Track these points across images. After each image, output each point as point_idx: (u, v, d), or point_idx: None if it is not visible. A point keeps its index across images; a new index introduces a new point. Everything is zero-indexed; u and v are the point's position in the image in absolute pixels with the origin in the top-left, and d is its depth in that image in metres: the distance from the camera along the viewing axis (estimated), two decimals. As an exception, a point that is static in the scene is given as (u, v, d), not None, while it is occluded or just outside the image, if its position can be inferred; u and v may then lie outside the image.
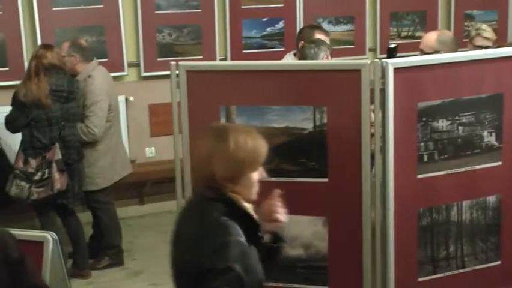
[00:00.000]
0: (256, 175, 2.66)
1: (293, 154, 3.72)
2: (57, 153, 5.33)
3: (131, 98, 7.06)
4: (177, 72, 3.79)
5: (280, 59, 5.74)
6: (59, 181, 5.34)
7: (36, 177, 5.30)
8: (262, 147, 2.66)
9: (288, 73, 3.75)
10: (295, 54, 5.54)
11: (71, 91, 5.48)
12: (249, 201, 2.68)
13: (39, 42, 6.48)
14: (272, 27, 7.48)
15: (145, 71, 7.09)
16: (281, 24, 7.51)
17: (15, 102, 5.35)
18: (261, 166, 2.67)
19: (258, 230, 2.67)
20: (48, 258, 3.03)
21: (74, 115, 5.54)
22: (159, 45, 7.10)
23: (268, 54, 7.25)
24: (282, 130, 3.70)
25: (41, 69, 5.30)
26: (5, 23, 6.50)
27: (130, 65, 7.06)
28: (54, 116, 5.36)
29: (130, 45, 7.02)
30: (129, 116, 7.06)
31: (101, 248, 5.99)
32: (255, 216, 2.68)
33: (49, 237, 3.05)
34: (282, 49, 7.21)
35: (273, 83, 3.70)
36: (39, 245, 3.06)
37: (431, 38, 5.15)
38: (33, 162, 5.30)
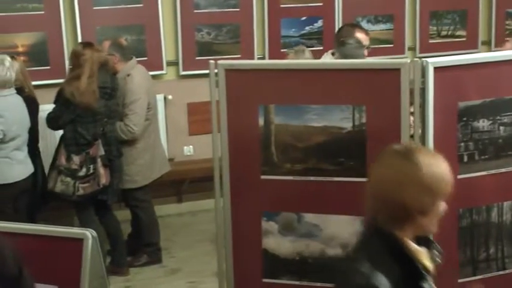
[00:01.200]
0: (443, 205, 2.27)
1: (331, 153, 3.70)
2: (100, 149, 5.37)
3: (170, 97, 7.09)
4: (216, 71, 3.79)
5: (318, 58, 5.71)
6: (104, 176, 5.39)
7: (81, 173, 5.34)
8: (449, 172, 2.27)
9: (326, 72, 3.74)
10: (333, 54, 5.51)
11: (114, 88, 5.54)
12: (428, 233, 2.35)
13: (79, 41, 6.53)
14: (311, 26, 7.45)
15: (184, 69, 7.12)
16: (320, 23, 7.48)
17: (60, 99, 5.39)
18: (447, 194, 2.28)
19: (421, 280, 2.26)
20: (87, 256, 3.05)
21: (115, 112, 5.58)
22: (198, 44, 7.12)
23: (307, 53, 7.22)
24: (321, 129, 3.69)
25: (88, 66, 5.34)
26: (46, 23, 6.57)
27: (169, 63, 7.09)
28: (99, 112, 5.40)
29: (169, 44, 7.05)
30: (167, 114, 7.10)
31: (139, 245, 6.02)
32: (426, 263, 2.29)
33: (88, 234, 3.07)
34: (321, 48, 7.18)
35: (312, 82, 3.69)
36: (78, 242, 3.08)
37: None
38: (76, 159, 5.34)
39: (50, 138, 6.28)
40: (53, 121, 5.47)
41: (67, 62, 6.57)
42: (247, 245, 3.90)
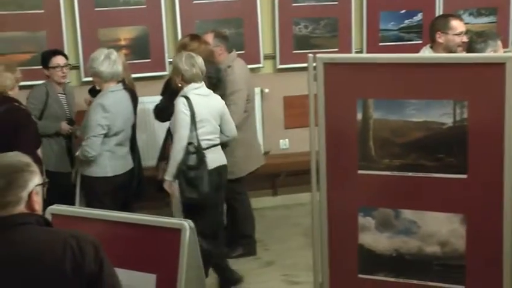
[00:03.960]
0: None
1: (431, 149, 3.63)
2: None
3: (267, 90, 7.11)
4: (314, 64, 3.77)
5: (417, 52, 5.61)
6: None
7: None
8: None
9: (427, 66, 3.66)
10: (431, 47, 5.41)
11: (219, 79, 5.60)
12: None
13: (179, 34, 6.65)
14: (410, 20, 7.33)
15: (281, 63, 7.13)
16: (419, 16, 7.35)
17: (168, 90, 5.46)
18: None
19: None
20: (185, 246, 3.09)
21: None
22: (295, 38, 7.11)
23: (405, 47, 7.11)
24: (420, 124, 3.63)
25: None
26: (147, 17, 6.71)
27: (266, 57, 7.12)
28: None
29: (266, 38, 7.08)
30: (264, 107, 7.13)
31: (234, 237, 6.07)
32: None
33: (186, 225, 3.11)
34: (420, 42, 7.05)
35: (412, 76, 3.62)
36: (176, 232, 3.12)
37: None
38: None
39: (150, 131, 6.42)
40: (161, 112, 5.53)
41: (166, 55, 6.70)
42: (343, 239, 3.88)
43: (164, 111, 5.47)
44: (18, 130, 4.87)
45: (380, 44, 7.26)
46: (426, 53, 5.35)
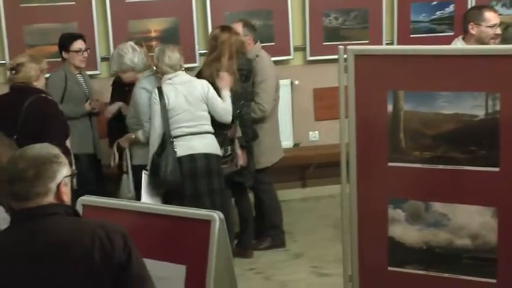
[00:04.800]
0: None
1: (462, 142, 3.60)
2: (238, 131, 5.45)
3: (297, 82, 7.11)
4: (345, 56, 3.76)
5: (449, 43, 5.57)
6: (242, 157, 5.47)
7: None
8: None
9: (459, 58, 3.63)
10: (463, 38, 5.37)
11: (250, 70, 5.62)
12: None
13: (209, 26, 6.66)
14: (441, 11, 7.27)
15: (311, 55, 7.11)
16: (451, 8, 7.28)
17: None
18: None
19: None
20: (214, 237, 3.09)
21: (250, 94, 5.65)
22: (325, 29, 7.09)
23: (436, 38, 7.06)
24: (451, 117, 3.60)
25: (227, 48, 5.43)
26: (178, 8, 6.74)
27: (296, 49, 7.11)
28: (235, 94, 5.48)
29: (296, 29, 7.07)
30: (294, 99, 7.12)
31: (262, 229, 6.08)
32: None
33: (216, 216, 3.11)
34: (451, 33, 7.00)
35: (443, 68, 3.60)
36: (206, 223, 3.13)
37: None
38: None
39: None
40: None
41: (197, 47, 6.73)
42: (372, 232, 3.87)
43: None
44: (46, 121, 4.89)
45: (411, 35, 7.21)
46: (458, 45, 5.31)
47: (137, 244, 2.50)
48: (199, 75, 5.50)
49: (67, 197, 2.52)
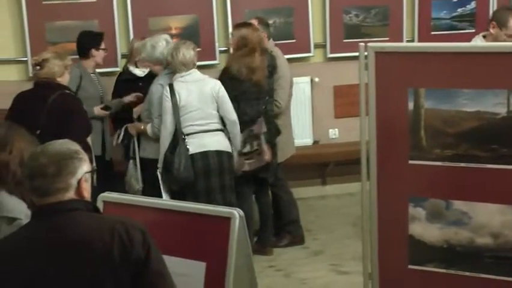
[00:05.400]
0: None
1: (484, 139, 3.58)
2: (263, 126, 5.46)
3: (317, 79, 7.09)
4: (365, 53, 3.75)
5: (469, 41, 5.54)
6: (267, 153, 5.47)
7: (245, 150, 5.40)
8: None
9: (480, 55, 3.60)
10: (484, 36, 5.34)
11: (274, 66, 5.62)
12: None
13: (229, 23, 6.67)
14: (463, 8, 7.23)
15: (331, 52, 7.10)
16: (472, 4, 7.24)
17: (224, 77, 5.45)
18: None
19: None
20: (234, 234, 3.10)
21: (273, 90, 5.66)
22: (346, 27, 7.08)
23: (457, 36, 7.02)
24: (473, 114, 3.57)
25: (258, 44, 5.43)
26: (198, 5, 6.75)
27: (316, 46, 7.10)
28: (262, 90, 5.48)
29: (316, 27, 7.05)
30: (314, 97, 7.11)
31: (280, 226, 6.07)
32: None
33: (236, 213, 3.11)
34: (473, 30, 6.95)
35: (465, 65, 3.57)
36: (226, 220, 3.13)
37: None
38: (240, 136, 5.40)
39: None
40: None
41: (217, 44, 6.74)
42: (392, 230, 3.85)
43: None
44: (69, 117, 4.91)
45: (432, 32, 7.18)
46: (478, 42, 5.28)
47: (157, 241, 2.50)
48: (226, 71, 5.49)
49: (87, 193, 2.53)
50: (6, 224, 3.00)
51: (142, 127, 5.45)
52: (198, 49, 6.06)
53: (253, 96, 5.44)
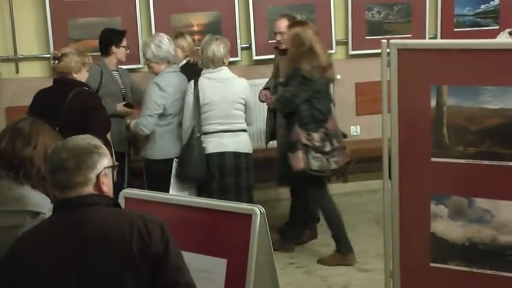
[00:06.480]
0: None
1: (507, 137, 3.54)
2: (336, 122, 5.51)
3: (338, 76, 7.05)
4: (388, 50, 3.73)
5: (493, 37, 5.50)
6: (347, 149, 5.53)
7: (327, 149, 5.39)
8: None
9: (504, 52, 3.57)
10: (510, 33, 5.29)
11: (330, 63, 5.59)
12: None
13: (251, 20, 6.68)
14: (486, 4, 7.18)
15: (353, 49, 7.08)
16: (496, 1, 7.19)
17: (296, 78, 5.36)
18: None
19: None
20: (255, 231, 3.09)
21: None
22: (368, 23, 7.06)
23: (481, 32, 6.99)
24: (496, 112, 3.54)
25: (318, 42, 5.41)
26: (220, 2, 6.77)
27: (338, 43, 7.08)
28: (328, 87, 5.53)
29: (339, 23, 7.04)
30: (336, 94, 7.07)
31: (301, 223, 6.07)
32: None
33: (257, 210, 3.11)
34: (496, 27, 6.91)
35: (488, 62, 3.54)
36: (247, 217, 3.13)
37: None
38: (315, 136, 5.37)
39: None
40: (289, 102, 5.40)
41: (239, 41, 6.74)
42: (414, 227, 3.84)
43: (293, 100, 5.38)
44: (88, 114, 4.92)
45: (455, 29, 7.14)
46: (503, 39, 5.24)
47: (178, 237, 2.51)
48: (296, 72, 5.36)
49: (107, 188, 2.54)
50: (30, 218, 3.03)
51: (128, 121, 5.49)
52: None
53: (323, 94, 5.43)
